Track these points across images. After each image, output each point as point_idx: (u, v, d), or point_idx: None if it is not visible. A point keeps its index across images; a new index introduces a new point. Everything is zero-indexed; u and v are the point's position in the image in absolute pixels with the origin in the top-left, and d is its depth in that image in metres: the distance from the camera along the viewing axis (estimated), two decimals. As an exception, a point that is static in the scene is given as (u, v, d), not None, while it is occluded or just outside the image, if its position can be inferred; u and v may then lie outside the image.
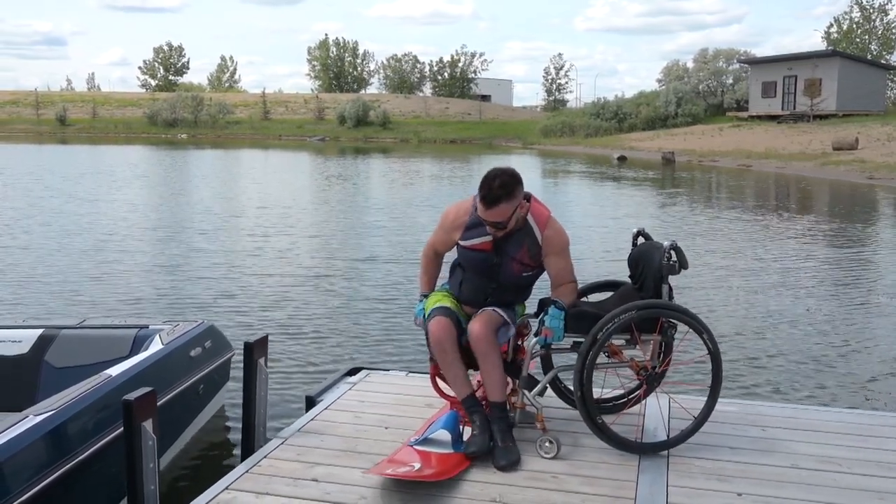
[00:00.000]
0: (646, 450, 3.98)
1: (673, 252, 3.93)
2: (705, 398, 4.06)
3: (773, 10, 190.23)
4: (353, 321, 8.71)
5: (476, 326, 3.93)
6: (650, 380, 4.03)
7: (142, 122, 77.93)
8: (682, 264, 3.95)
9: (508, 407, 4.06)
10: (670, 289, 3.99)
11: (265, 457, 3.90)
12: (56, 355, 5.12)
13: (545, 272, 4.13)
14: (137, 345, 5.05)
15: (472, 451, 3.83)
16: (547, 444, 3.91)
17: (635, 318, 3.86)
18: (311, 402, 4.66)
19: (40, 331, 5.22)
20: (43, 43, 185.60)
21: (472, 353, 3.99)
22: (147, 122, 77.32)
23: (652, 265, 4.05)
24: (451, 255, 4.28)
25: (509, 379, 4.15)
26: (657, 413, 4.39)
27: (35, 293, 9.89)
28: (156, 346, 4.83)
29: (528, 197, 3.98)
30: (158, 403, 4.38)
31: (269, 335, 7.63)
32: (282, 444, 4.05)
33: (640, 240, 4.42)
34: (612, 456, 3.93)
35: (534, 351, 4.01)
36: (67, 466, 3.62)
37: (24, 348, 5.13)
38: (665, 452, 3.99)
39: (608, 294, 4.46)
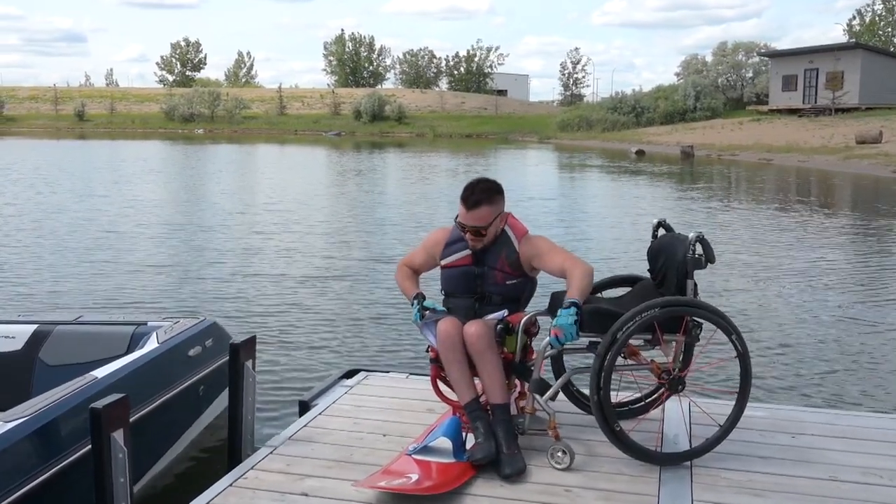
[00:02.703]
0: (668, 460, 3.64)
1: (699, 244, 3.58)
2: (729, 402, 3.77)
3: (793, 3, 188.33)
4: (355, 320, 8.38)
5: (472, 327, 3.68)
6: (673, 383, 3.68)
7: (159, 117, 78.18)
8: (709, 258, 3.61)
9: (517, 412, 3.76)
10: (695, 285, 3.64)
11: (252, 468, 3.60)
12: (50, 353, 4.86)
13: (530, 285, 3.93)
14: (134, 342, 4.79)
15: (478, 458, 3.53)
16: (559, 453, 3.58)
17: (658, 317, 3.51)
18: (304, 407, 4.35)
19: (34, 327, 4.97)
20: (63, 40, 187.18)
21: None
22: (164, 118, 77.54)
23: (675, 259, 3.72)
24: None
25: (518, 382, 3.84)
26: (679, 419, 4.04)
27: (32, 289, 9.64)
28: (151, 345, 4.55)
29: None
30: (152, 406, 4.16)
31: (268, 335, 7.33)
32: (270, 453, 3.74)
33: (661, 232, 4.08)
34: (631, 467, 3.61)
35: (546, 352, 3.67)
36: (39, 479, 3.30)
37: (17, 344, 4.88)
38: (688, 463, 3.66)
39: (624, 290, 4.13)
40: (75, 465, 3.47)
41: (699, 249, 3.60)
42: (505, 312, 3.79)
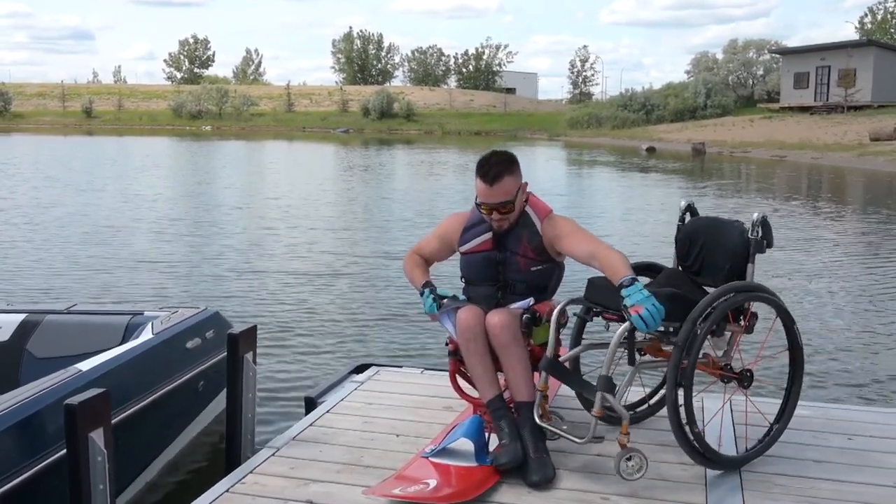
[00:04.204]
0: (730, 464, 3.29)
1: (760, 227, 3.28)
2: (768, 400, 3.43)
3: (802, 2, 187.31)
4: (366, 313, 8.07)
5: (496, 317, 3.31)
6: (744, 377, 3.33)
7: (167, 114, 78.11)
8: (769, 241, 3.30)
9: (542, 416, 3.33)
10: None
11: (251, 472, 3.26)
12: (39, 344, 4.55)
13: (557, 271, 3.56)
14: (129, 333, 4.47)
15: (503, 462, 3.17)
16: (633, 461, 3.08)
17: (738, 302, 3.21)
18: (310, 405, 4.03)
19: (23, 316, 4.65)
20: (71, 37, 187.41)
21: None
22: (172, 115, 77.46)
23: (721, 243, 3.40)
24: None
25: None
26: (719, 418, 3.67)
27: (27, 282, 9.34)
28: (145, 336, 4.22)
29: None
30: (144, 403, 3.81)
31: (271, 327, 6.95)
32: (272, 455, 3.41)
33: (688, 216, 3.72)
34: (673, 472, 3.26)
35: (622, 340, 3.12)
36: (13, 482, 2.96)
37: (3, 335, 4.57)
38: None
39: (645, 280, 3.74)
40: (53, 468, 3.12)
41: (760, 232, 3.29)
42: (531, 301, 3.43)
